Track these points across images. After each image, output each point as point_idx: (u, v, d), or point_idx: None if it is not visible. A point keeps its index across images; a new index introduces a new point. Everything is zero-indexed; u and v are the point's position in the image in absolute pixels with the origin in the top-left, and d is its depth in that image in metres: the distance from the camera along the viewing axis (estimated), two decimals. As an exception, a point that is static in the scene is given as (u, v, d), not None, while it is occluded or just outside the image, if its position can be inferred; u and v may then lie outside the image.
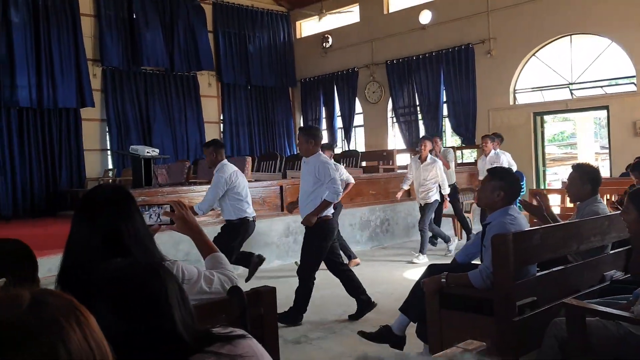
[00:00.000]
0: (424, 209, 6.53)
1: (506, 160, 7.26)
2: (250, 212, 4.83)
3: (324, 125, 12.65)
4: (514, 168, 6.80)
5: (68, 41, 9.70)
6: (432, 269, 3.04)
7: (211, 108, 11.99)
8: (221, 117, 12.23)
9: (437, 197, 6.54)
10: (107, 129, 10.39)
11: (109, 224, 1.48)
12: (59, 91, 9.54)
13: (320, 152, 4.38)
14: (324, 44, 12.11)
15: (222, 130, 12.26)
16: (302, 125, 12.76)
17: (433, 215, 6.76)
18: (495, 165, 5.38)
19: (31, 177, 9.34)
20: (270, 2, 12.86)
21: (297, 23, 13.21)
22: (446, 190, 6.61)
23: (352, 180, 6.03)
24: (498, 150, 7.40)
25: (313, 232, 4.19)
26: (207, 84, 11.81)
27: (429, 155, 6.54)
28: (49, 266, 3.21)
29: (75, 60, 9.76)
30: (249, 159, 7.77)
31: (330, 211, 4.25)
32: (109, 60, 10.21)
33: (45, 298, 0.65)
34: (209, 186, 5.03)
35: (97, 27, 10.23)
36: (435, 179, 6.46)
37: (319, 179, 4.16)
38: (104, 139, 10.45)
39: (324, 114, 12.71)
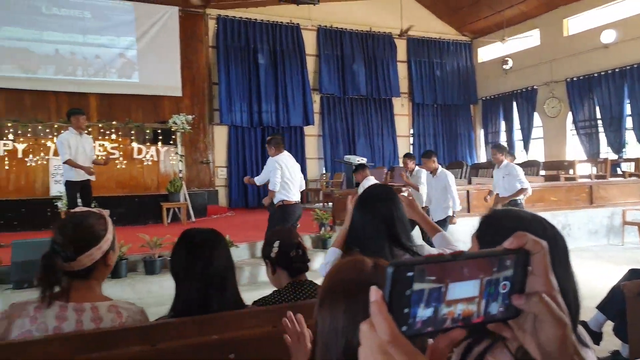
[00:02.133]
0: None
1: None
2: None
3: (503, 137, 13.68)
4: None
5: (297, 75, 12.01)
6: (633, 273, 3.11)
7: (403, 124, 13.52)
8: (411, 131, 13.75)
9: None
10: (322, 142, 12.66)
11: (387, 212, 1.84)
12: (290, 114, 11.90)
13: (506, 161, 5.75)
14: (504, 66, 12.69)
15: (411, 142, 13.79)
16: (484, 137, 14.12)
17: None
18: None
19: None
20: (456, 34, 13.98)
21: (478, 49, 14.15)
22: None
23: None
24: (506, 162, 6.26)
25: None
26: (400, 105, 13.41)
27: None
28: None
29: (302, 90, 12.06)
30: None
31: None
32: (326, 88, 12.42)
33: (382, 263, 0.82)
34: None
35: (317, 64, 12.47)
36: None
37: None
38: (320, 150, 12.66)
39: (503, 127, 13.36)
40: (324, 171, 12.67)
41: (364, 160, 9.00)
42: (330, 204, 10.45)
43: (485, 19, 13.03)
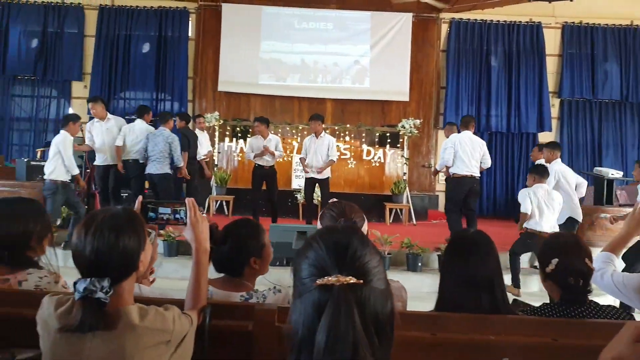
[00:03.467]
0: None
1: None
2: None
3: None
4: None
5: (534, 78, 11.02)
6: None
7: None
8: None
9: None
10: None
11: None
12: (522, 119, 10.98)
13: None
14: None
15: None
16: None
17: None
18: None
19: (494, 184, 11.17)
20: None
21: None
22: None
23: None
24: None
25: None
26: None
27: None
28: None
29: (539, 94, 10.99)
30: None
31: None
32: (568, 92, 11.03)
33: None
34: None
35: (559, 65, 11.25)
36: None
37: None
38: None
39: None
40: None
41: (619, 174, 7.81)
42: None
43: None
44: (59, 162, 6.03)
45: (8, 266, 1.72)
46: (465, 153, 6.43)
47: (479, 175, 6.69)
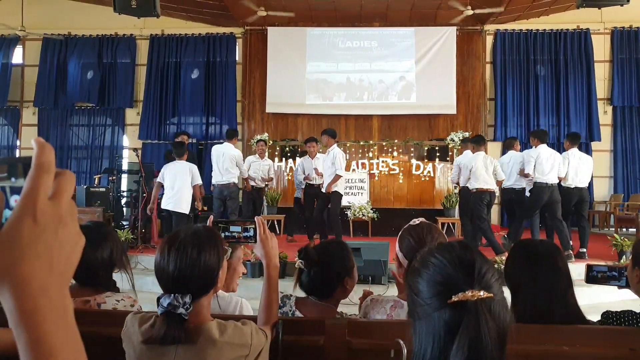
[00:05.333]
0: None
1: None
2: None
3: None
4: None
5: (582, 85, 10.86)
6: None
7: None
8: None
9: None
10: (612, 159, 11.06)
11: None
12: (572, 128, 10.59)
13: None
14: None
15: None
16: None
17: None
18: None
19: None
20: None
21: None
22: None
23: None
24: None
25: None
26: None
27: None
28: None
29: (587, 101, 10.84)
30: None
31: None
32: (619, 99, 10.85)
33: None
34: None
35: (609, 71, 11.10)
36: None
37: None
38: (609, 168, 11.08)
39: None
40: (613, 192, 11.05)
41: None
42: (631, 229, 9.21)
43: None
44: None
45: (90, 288, 1.77)
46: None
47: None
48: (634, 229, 8.07)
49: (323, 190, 7.10)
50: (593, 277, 1.82)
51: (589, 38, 11.02)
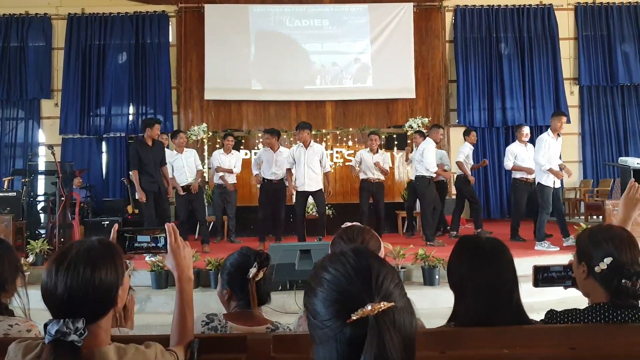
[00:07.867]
0: None
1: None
2: None
3: None
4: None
5: (547, 65, 10.20)
6: None
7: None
8: None
9: None
10: (580, 142, 10.42)
11: None
12: (537, 110, 10.10)
13: None
14: None
15: None
16: None
17: None
18: None
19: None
20: None
21: None
22: None
23: None
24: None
25: None
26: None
27: None
28: None
29: (554, 81, 10.18)
30: None
31: None
32: (586, 78, 10.23)
33: None
34: None
35: (574, 49, 10.43)
36: None
37: None
38: (578, 152, 10.44)
39: None
40: (582, 177, 10.46)
41: (646, 164, 6.96)
42: (599, 217, 8.72)
43: None
44: None
45: None
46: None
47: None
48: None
49: (306, 187, 6.72)
50: (549, 278, 1.77)
51: (552, 14, 10.36)
